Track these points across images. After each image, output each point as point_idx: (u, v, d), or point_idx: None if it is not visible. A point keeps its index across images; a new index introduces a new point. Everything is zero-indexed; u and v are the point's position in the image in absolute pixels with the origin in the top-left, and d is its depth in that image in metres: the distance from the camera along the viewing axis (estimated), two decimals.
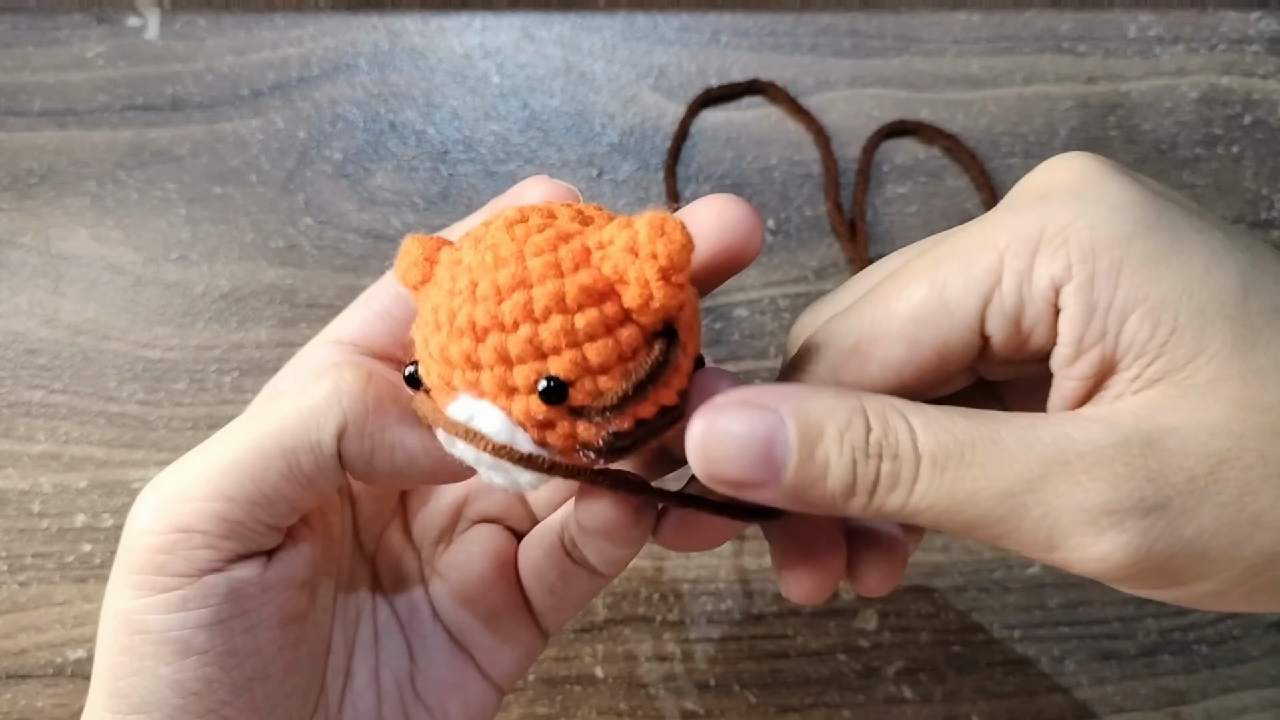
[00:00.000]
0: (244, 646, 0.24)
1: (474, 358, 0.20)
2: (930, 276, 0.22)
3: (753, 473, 0.21)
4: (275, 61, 0.50)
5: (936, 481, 0.21)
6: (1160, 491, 0.20)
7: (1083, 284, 0.21)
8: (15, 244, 0.47)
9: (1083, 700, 0.44)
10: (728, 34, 0.51)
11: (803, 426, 0.21)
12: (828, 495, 0.21)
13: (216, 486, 0.22)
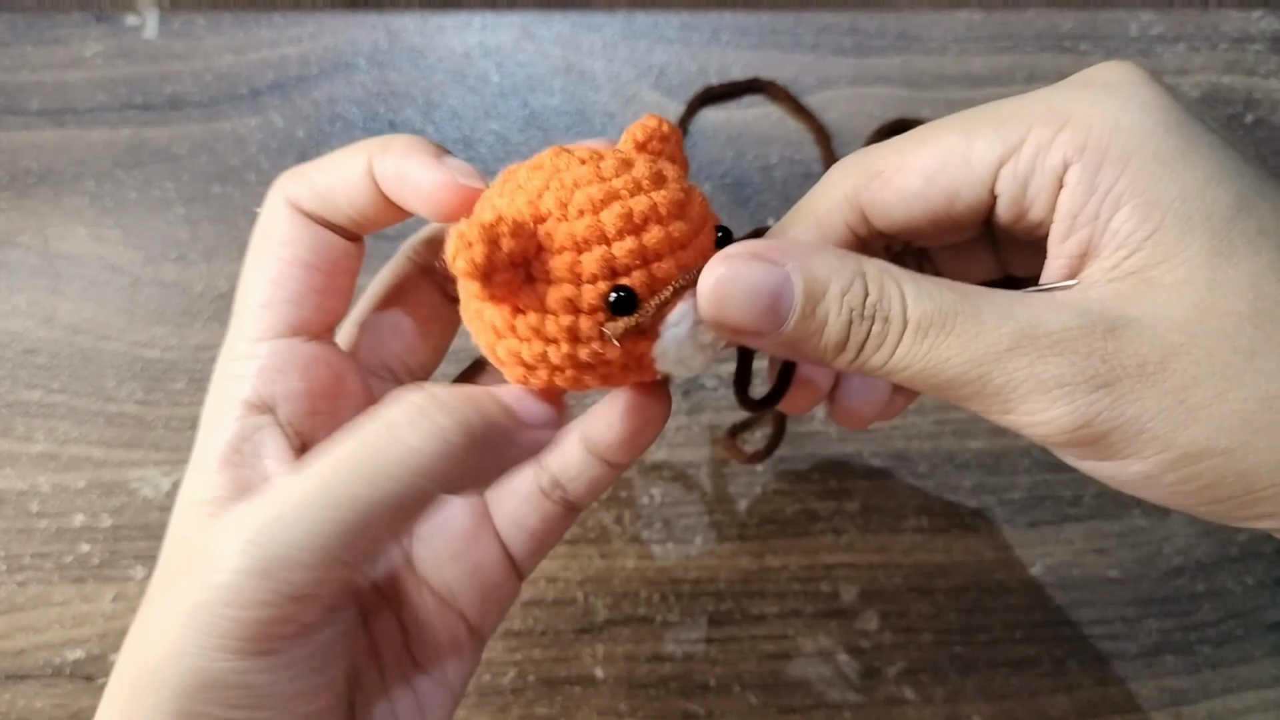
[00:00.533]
0: (323, 683, 0.24)
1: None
2: (964, 128, 0.24)
3: (757, 321, 0.23)
4: (274, 60, 0.50)
5: (916, 346, 0.23)
6: (1112, 371, 0.22)
7: (1089, 166, 0.23)
8: (13, 243, 0.47)
9: (1085, 701, 0.43)
10: (728, 32, 0.50)
11: (809, 284, 0.23)
12: (820, 349, 0.23)
13: (332, 553, 0.22)
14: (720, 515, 0.45)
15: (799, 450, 0.46)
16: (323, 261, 0.26)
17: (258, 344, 0.26)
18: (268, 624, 0.22)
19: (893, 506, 0.45)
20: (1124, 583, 0.45)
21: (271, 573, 0.22)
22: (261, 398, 0.25)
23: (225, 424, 0.25)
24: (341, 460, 0.22)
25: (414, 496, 0.22)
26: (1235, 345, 0.22)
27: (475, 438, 0.23)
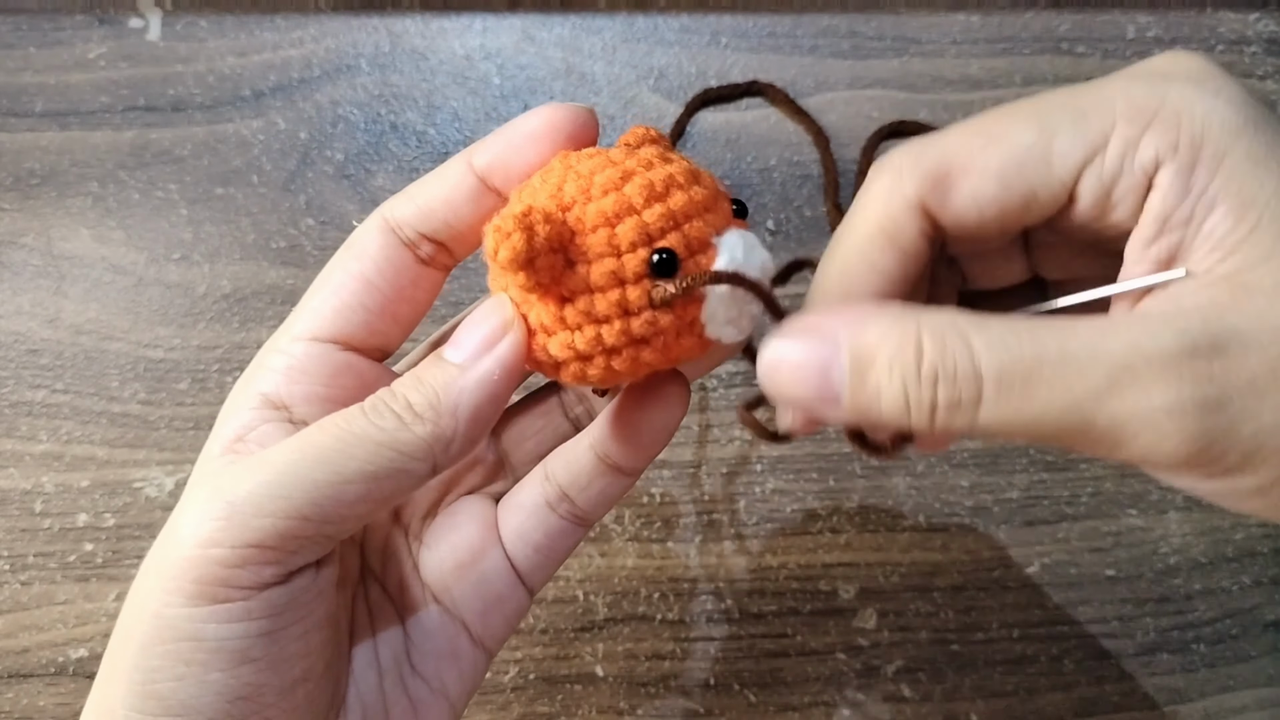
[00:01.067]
0: (296, 651, 0.24)
1: None
2: (1040, 122, 0.23)
3: (813, 397, 0.22)
4: (277, 63, 0.50)
5: (1003, 403, 0.21)
6: (1223, 392, 0.20)
7: (1184, 167, 0.22)
8: (17, 244, 0.47)
9: (1081, 699, 0.44)
10: (727, 35, 0.51)
11: (855, 354, 0.22)
12: (885, 418, 0.22)
13: (292, 505, 0.22)
14: (720, 515, 0.45)
15: (798, 450, 0.46)
16: (386, 283, 0.26)
17: (295, 342, 0.26)
18: (221, 566, 0.22)
19: (890, 506, 0.46)
20: (1120, 581, 0.45)
21: (234, 517, 0.22)
22: (280, 395, 0.26)
23: (240, 413, 0.26)
24: (320, 429, 0.23)
25: (391, 470, 0.23)
26: None
27: (463, 429, 0.23)
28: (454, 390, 0.23)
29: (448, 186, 0.26)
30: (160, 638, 0.23)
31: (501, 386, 0.23)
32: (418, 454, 0.23)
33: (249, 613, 0.23)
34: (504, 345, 0.23)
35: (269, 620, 0.23)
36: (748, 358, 0.26)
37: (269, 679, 0.23)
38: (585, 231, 0.23)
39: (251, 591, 0.23)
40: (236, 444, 0.25)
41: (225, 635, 0.23)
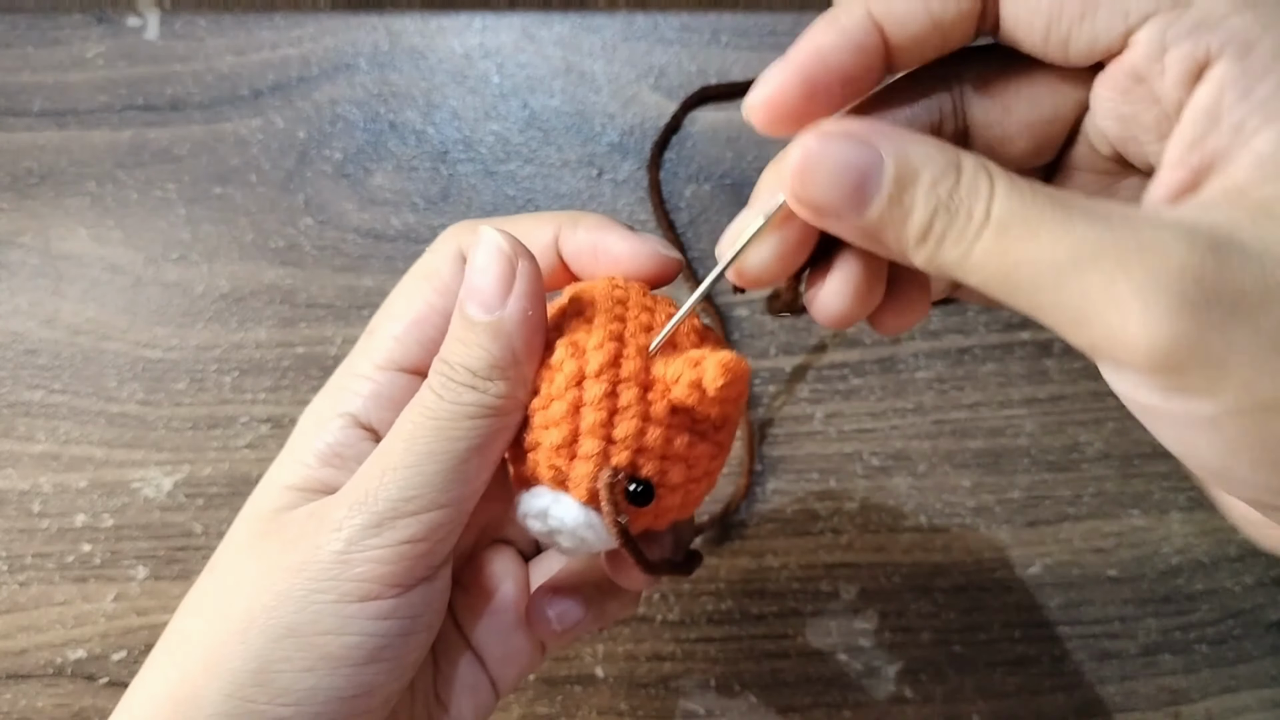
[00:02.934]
0: (415, 658, 0.26)
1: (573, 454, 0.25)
2: None
3: (841, 201, 0.22)
4: (275, 61, 0.50)
5: (996, 243, 0.21)
6: (1204, 295, 0.19)
7: (1252, 69, 0.20)
8: (15, 244, 0.47)
9: (1083, 700, 0.44)
10: (728, 34, 0.51)
11: (900, 168, 0.21)
12: (900, 238, 0.22)
13: (426, 499, 0.24)
14: (720, 515, 0.45)
15: (799, 450, 0.46)
16: None
17: (379, 370, 0.27)
18: (379, 564, 0.24)
19: (892, 506, 0.45)
20: (1122, 582, 0.45)
21: (384, 524, 0.24)
22: (369, 418, 0.27)
23: (330, 428, 0.27)
24: (413, 424, 0.24)
25: (492, 432, 0.24)
26: None
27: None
28: (503, 340, 0.24)
29: (526, 240, 0.26)
30: (296, 630, 0.24)
31: (537, 314, 0.24)
32: (506, 409, 0.24)
33: (396, 610, 0.24)
34: (520, 281, 0.24)
35: (407, 621, 0.25)
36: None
37: (385, 681, 0.25)
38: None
39: (403, 589, 0.24)
40: (334, 459, 0.27)
41: (370, 631, 0.24)
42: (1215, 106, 0.21)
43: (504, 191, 0.49)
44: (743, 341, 0.47)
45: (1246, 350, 0.20)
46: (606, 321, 0.25)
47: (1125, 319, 0.20)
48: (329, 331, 0.47)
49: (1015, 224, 0.21)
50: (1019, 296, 0.21)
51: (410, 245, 0.48)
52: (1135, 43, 0.22)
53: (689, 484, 0.26)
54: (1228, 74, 0.21)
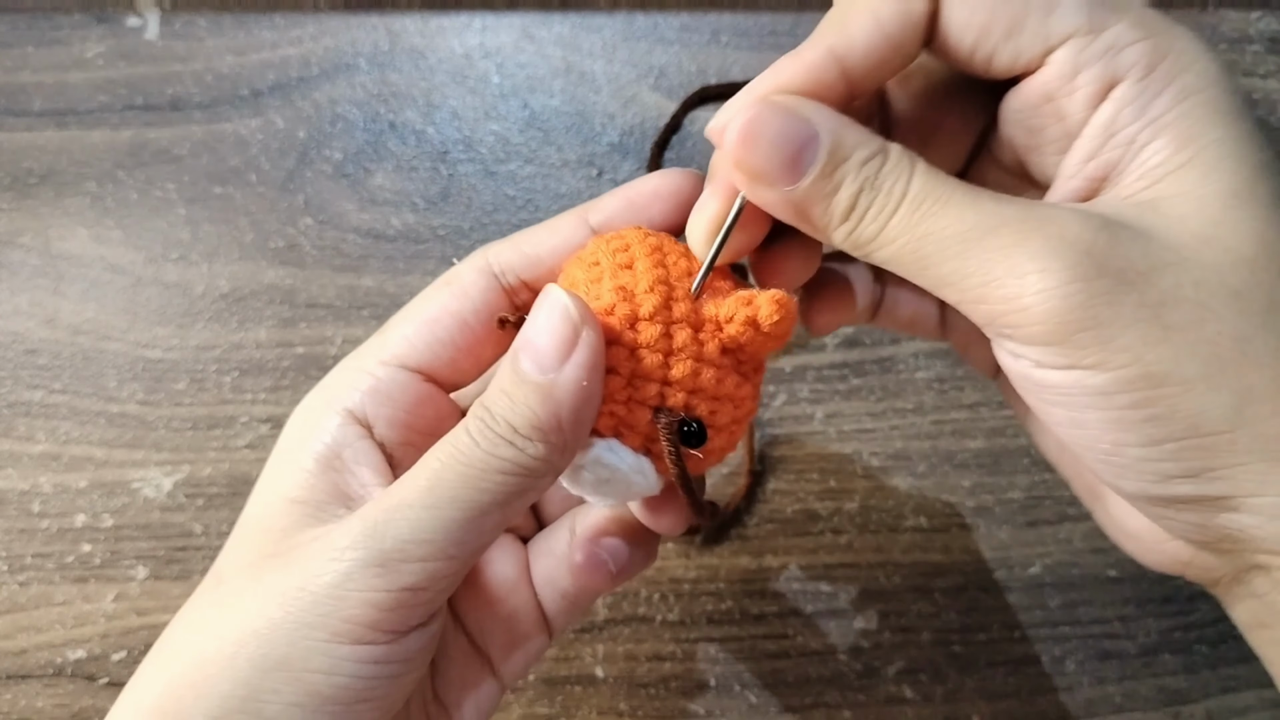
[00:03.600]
0: (402, 695, 0.25)
1: None
2: None
3: (777, 169, 0.23)
4: (275, 61, 0.50)
5: (909, 216, 0.23)
6: (1096, 266, 0.21)
7: (1149, 90, 0.22)
8: (15, 244, 0.47)
9: (1083, 700, 0.44)
10: (728, 34, 0.51)
11: (835, 145, 0.23)
12: (826, 213, 0.24)
13: (437, 547, 0.23)
14: (720, 514, 0.45)
15: (799, 450, 0.46)
16: (481, 325, 0.27)
17: (382, 365, 0.27)
18: (376, 610, 0.23)
19: (891, 506, 0.45)
20: (1122, 582, 0.45)
21: (388, 564, 0.23)
22: (366, 413, 0.26)
23: (326, 427, 0.26)
24: (441, 465, 0.23)
25: (520, 492, 0.24)
26: (1223, 280, 0.22)
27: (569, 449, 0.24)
28: (551, 405, 0.23)
29: (560, 239, 0.27)
30: (287, 664, 0.23)
31: (592, 387, 0.24)
32: (540, 471, 0.23)
33: (389, 655, 0.24)
34: (582, 350, 0.23)
35: (398, 666, 0.24)
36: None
37: (374, 718, 0.24)
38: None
39: (397, 635, 0.24)
40: (334, 461, 0.26)
41: (358, 674, 0.23)
42: (1113, 123, 0.23)
43: (504, 191, 0.49)
44: None
45: (1132, 320, 0.21)
46: (651, 266, 0.25)
47: (1022, 285, 0.21)
48: (329, 331, 0.47)
49: (928, 200, 0.23)
50: (927, 270, 0.23)
51: (410, 245, 0.48)
52: (1052, 62, 0.23)
53: (733, 425, 0.27)
54: (1127, 94, 0.23)
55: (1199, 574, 0.26)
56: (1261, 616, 0.24)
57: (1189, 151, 0.22)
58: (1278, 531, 0.22)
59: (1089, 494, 0.29)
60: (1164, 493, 0.23)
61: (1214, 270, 0.22)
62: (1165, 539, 0.26)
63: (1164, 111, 0.23)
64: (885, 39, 0.24)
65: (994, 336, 0.23)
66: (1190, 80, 0.23)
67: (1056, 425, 0.23)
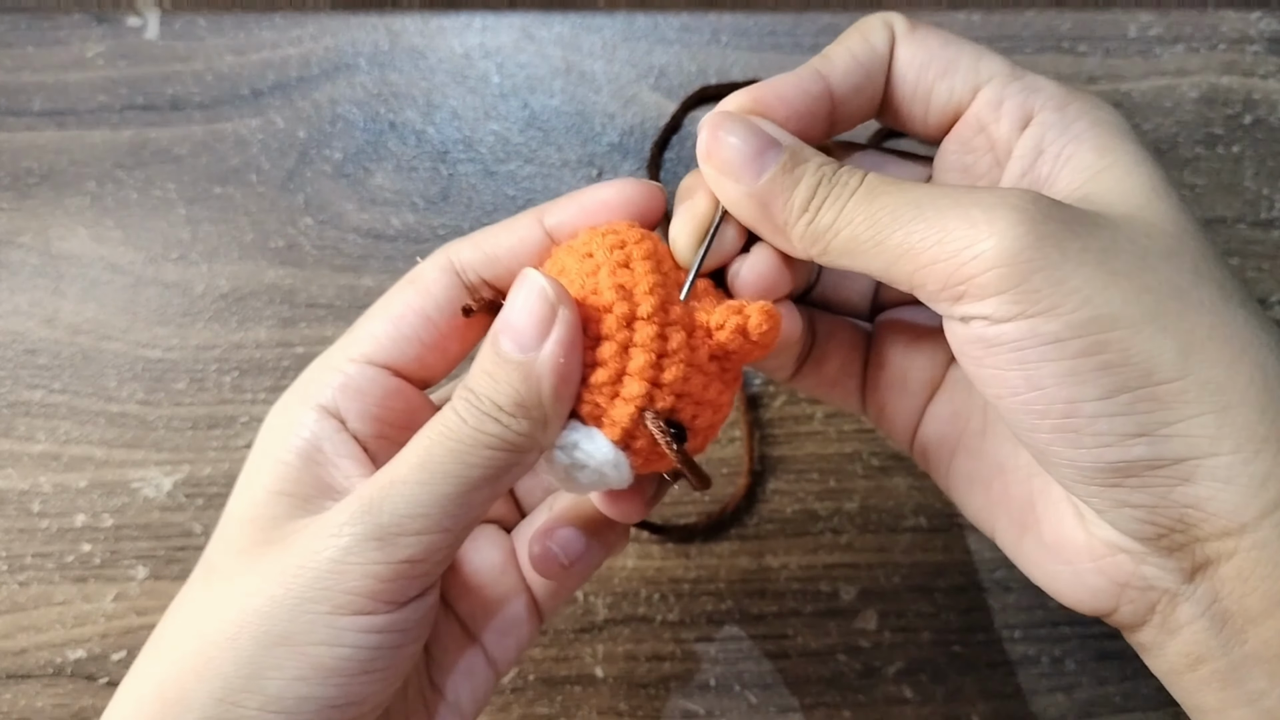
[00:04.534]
0: (404, 668, 0.26)
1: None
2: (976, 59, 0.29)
3: (742, 162, 0.26)
4: (275, 61, 0.50)
5: (865, 198, 0.25)
6: (1042, 214, 0.23)
7: (1064, 118, 0.26)
8: (15, 244, 0.47)
9: (1083, 700, 0.44)
10: (728, 34, 0.51)
11: (794, 151, 0.26)
12: (788, 206, 0.26)
13: (433, 521, 0.24)
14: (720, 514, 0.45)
15: (799, 450, 0.46)
16: (444, 320, 0.28)
17: (351, 362, 0.28)
18: (377, 581, 0.24)
19: (891, 506, 0.45)
20: None
21: (386, 537, 0.24)
22: (338, 407, 0.27)
23: (304, 422, 0.27)
24: (431, 442, 0.24)
25: (508, 466, 0.25)
26: (1156, 243, 0.24)
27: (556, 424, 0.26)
28: (532, 382, 0.24)
29: (516, 239, 0.28)
30: (289, 639, 0.24)
31: (570, 364, 0.25)
32: (527, 446, 0.25)
33: (390, 625, 0.24)
34: (559, 328, 0.24)
35: (399, 635, 0.25)
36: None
37: (376, 690, 0.25)
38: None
39: (395, 606, 0.24)
40: (315, 454, 0.27)
41: (361, 644, 0.24)
42: (1040, 142, 0.26)
43: (504, 191, 0.49)
44: None
45: (1079, 263, 0.23)
46: (650, 269, 0.26)
47: (975, 233, 0.23)
48: (329, 331, 0.47)
49: (881, 184, 0.25)
50: (883, 244, 0.24)
51: (410, 245, 0.48)
52: (979, 97, 0.27)
53: (709, 429, 0.27)
54: (1049, 119, 0.26)
55: (1133, 599, 0.25)
56: (1199, 646, 0.24)
57: (1109, 159, 0.25)
58: (1233, 500, 0.22)
59: (1017, 528, 0.28)
60: (1120, 458, 0.23)
61: (1147, 236, 0.24)
62: (1105, 553, 0.25)
63: (1083, 131, 0.26)
64: (857, 64, 0.28)
65: (949, 306, 0.24)
66: (1100, 114, 0.26)
67: (1012, 393, 0.24)
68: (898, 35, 0.29)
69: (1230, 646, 0.24)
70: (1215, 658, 0.24)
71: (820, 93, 0.28)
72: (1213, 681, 0.24)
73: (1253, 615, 0.23)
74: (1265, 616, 0.23)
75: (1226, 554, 0.23)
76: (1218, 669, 0.24)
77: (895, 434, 0.32)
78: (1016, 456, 0.28)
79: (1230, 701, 0.24)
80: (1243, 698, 0.24)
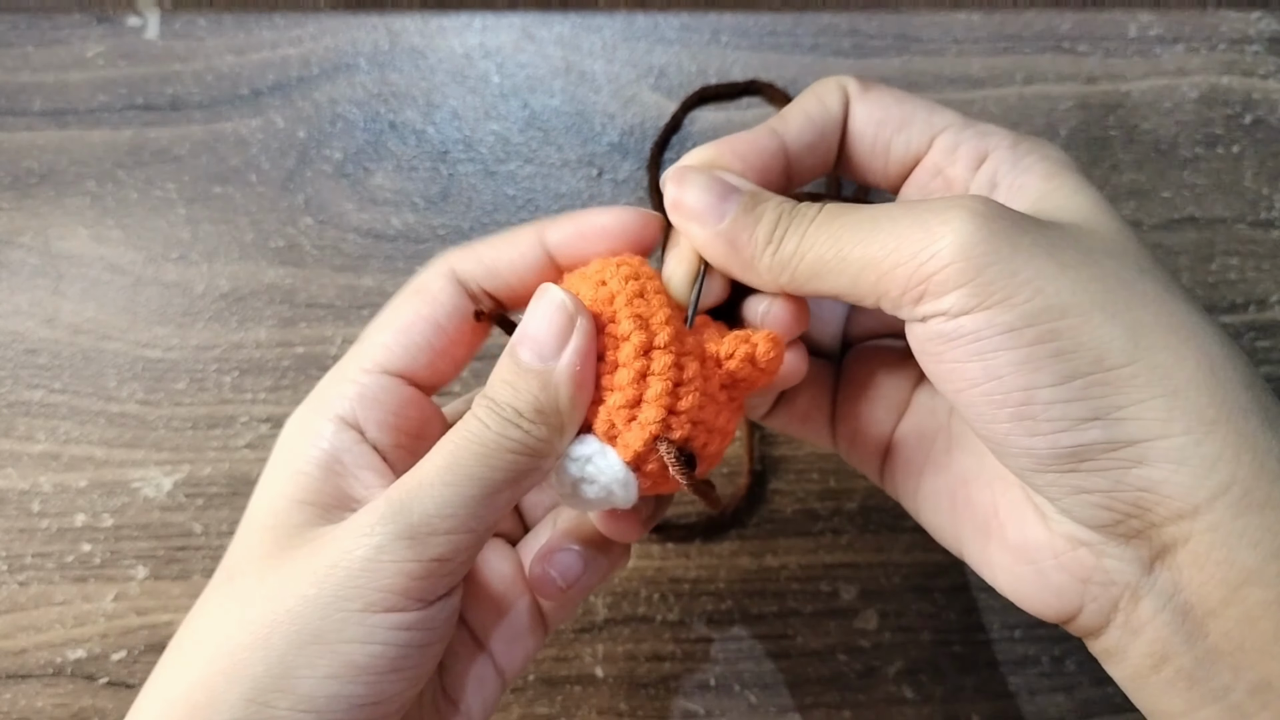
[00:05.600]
0: (430, 667, 0.27)
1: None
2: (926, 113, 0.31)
3: (705, 207, 0.27)
4: (275, 61, 0.50)
5: (824, 225, 0.26)
6: (994, 213, 0.25)
7: (1016, 153, 0.29)
8: (15, 244, 0.47)
9: (1083, 700, 0.44)
10: (728, 34, 0.51)
11: (753, 193, 0.28)
12: (753, 239, 0.27)
13: (460, 521, 0.25)
14: (721, 515, 0.45)
15: (799, 450, 0.46)
16: (453, 328, 0.29)
17: (365, 373, 0.28)
18: (409, 579, 0.24)
19: (892, 506, 0.45)
20: None
21: (417, 536, 0.24)
22: (356, 418, 0.28)
23: (322, 434, 0.28)
24: (456, 446, 0.25)
25: (529, 470, 0.25)
26: (1101, 243, 0.25)
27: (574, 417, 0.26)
28: (551, 390, 0.25)
29: (517, 254, 0.29)
30: (321, 637, 0.24)
31: (586, 372, 0.26)
32: (545, 451, 0.26)
33: (419, 622, 0.25)
34: (576, 338, 0.26)
35: (428, 633, 0.25)
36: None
37: (403, 689, 0.25)
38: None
39: (425, 604, 0.25)
40: (336, 465, 0.27)
41: (392, 641, 0.24)
42: (993, 176, 0.29)
43: (504, 191, 0.49)
44: None
45: (1031, 256, 0.24)
46: (663, 302, 0.27)
47: (931, 234, 0.24)
48: (329, 331, 0.47)
49: (839, 209, 0.27)
50: (846, 259, 0.26)
51: (410, 245, 0.48)
52: (936, 145, 0.30)
53: (715, 455, 0.28)
54: (1002, 157, 0.29)
55: (1096, 598, 0.26)
56: (1164, 644, 0.24)
57: (1055, 183, 0.28)
58: (1186, 481, 0.23)
59: (983, 535, 0.29)
60: (1075, 441, 0.24)
61: (1093, 235, 0.26)
62: (1067, 548, 0.26)
63: (1033, 164, 0.28)
64: (811, 123, 0.30)
65: (910, 309, 0.25)
66: (1047, 150, 0.29)
67: (971, 384, 0.25)
68: (852, 96, 0.30)
69: (1193, 640, 0.24)
70: (1179, 654, 0.24)
71: (775, 149, 0.29)
72: (1178, 682, 0.24)
73: (1211, 606, 0.23)
74: (1224, 605, 0.23)
75: (1182, 539, 0.23)
76: (1182, 667, 0.24)
77: (865, 462, 0.33)
78: (980, 466, 0.29)
79: (1196, 701, 0.24)
80: (1209, 695, 0.24)
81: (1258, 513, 0.23)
